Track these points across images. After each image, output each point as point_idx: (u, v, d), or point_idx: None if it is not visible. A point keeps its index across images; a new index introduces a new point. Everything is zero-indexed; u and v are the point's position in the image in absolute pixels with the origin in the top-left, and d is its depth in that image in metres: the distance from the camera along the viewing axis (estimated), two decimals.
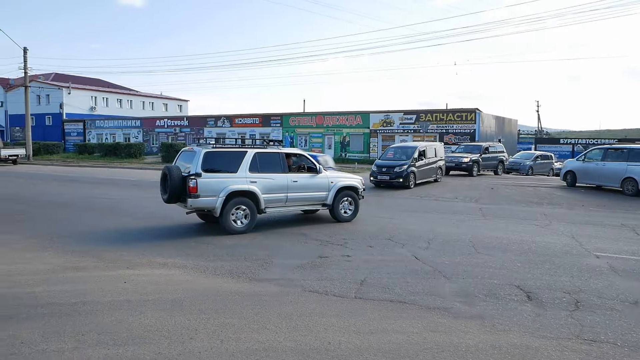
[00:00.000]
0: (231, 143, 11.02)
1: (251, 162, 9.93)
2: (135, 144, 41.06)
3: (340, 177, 11.62)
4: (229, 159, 9.85)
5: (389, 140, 34.25)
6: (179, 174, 9.45)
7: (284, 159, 10.48)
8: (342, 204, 11.28)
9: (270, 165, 10.22)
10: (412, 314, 5.34)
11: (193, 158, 9.59)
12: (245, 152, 10.02)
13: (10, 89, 58.26)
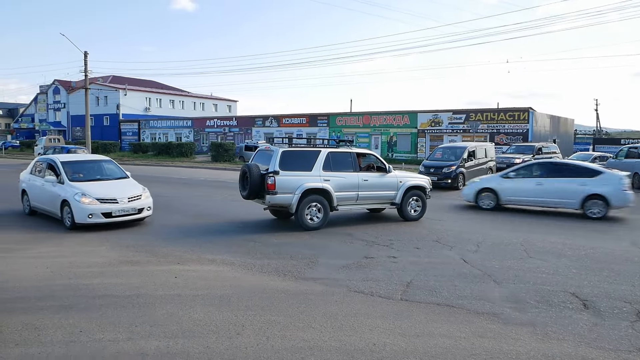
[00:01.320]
0: (302, 143, 11.49)
1: (325, 161, 10.27)
2: (187, 144, 42.28)
3: (408, 176, 11.73)
4: (304, 158, 10.23)
5: (437, 140, 33.61)
6: (258, 172, 9.90)
7: (355, 158, 10.77)
8: (410, 203, 11.37)
9: (343, 164, 10.54)
10: (459, 318, 5.22)
11: (269, 157, 10.07)
12: (319, 151, 10.39)
13: (72, 91, 61.52)
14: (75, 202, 9.73)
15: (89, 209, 9.73)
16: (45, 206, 11.02)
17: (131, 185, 11.04)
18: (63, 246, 8.61)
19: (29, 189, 11.77)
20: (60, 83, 64.14)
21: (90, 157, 12.87)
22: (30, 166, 12.25)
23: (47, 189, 10.79)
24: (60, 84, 64.16)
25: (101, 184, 10.60)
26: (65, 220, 10.11)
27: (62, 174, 10.51)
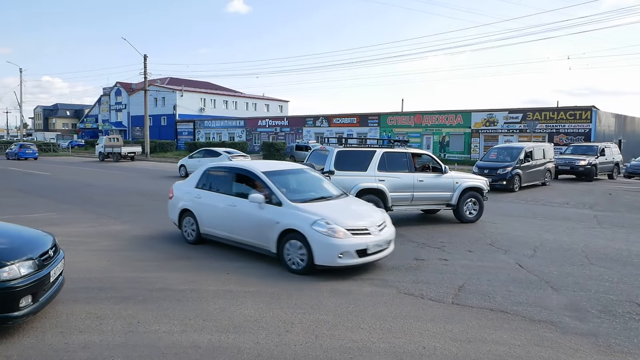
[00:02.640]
0: (356, 143, 11.53)
1: (379, 161, 10.25)
2: (239, 143, 43.24)
3: (465, 177, 11.50)
4: (359, 158, 10.25)
5: (492, 140, 32.60)
6: None
7: (411, 159, 10.69)
8: (467, 205, 11.17)
9: (398, 164, 10.48)
10: (514, 325, 5.03)
11: (324, 157, 10.17)
12: (374, 151, 10.38)
13: (132, 92, 64.43)
14: (316, 234, 6.50)
15: (341, 245, 6.46)
16: (239, 235, 7.71)
17: (363, 205, 7.93)
18: (123, 240, 9.02)
19: (198, 208, 8.37)
20: (121, 85, 67.36)
21: (288, 165, 8.97)
22: (196, 177, 8.78)
23: (243, 211, 7.53)
24: (121, 86, 67.38)
25: (329, 206, 7.31)
26: (289, 260, 6.87)
27: (275, 192, 7.25)
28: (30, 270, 4.55)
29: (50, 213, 12.15)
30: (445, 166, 11.17)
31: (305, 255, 6.64)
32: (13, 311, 4.34)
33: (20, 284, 4.37)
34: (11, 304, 4.33)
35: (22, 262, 4.51)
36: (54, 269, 4.92)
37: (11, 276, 4.36)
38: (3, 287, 4.28)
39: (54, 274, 4.94)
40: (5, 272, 4.34)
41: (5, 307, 4.31)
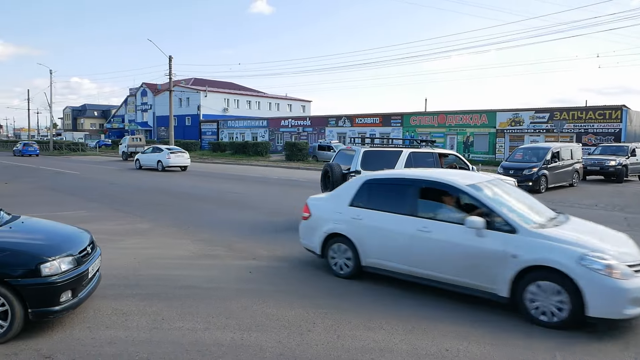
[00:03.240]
0: (381, 143, 11.41)
1: (406, 162, 10.20)
2: (262, 143, 43.55)
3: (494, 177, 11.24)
4: (386, 158, 10.23)
5: (518, 140, 32.05)
6: (340, 171, 10.04)
7: (437, 159, 10.60)
8: None
9: (424, 164, 10.40)
10: (537, 333, 4.93)
11: (350, 157, 10.18)
12: (400, 151, 10.36)
13: (157, 93, 65.50)
14: (590, 274, 4.68)
15: (630, 289, 4.65)
16: (433, 271, 5.74)
17: (597, 225, 6.09)
18: (148, 239, 9.18)
19: (358, 233, 6.46)
20: (147, 86, 68.57)
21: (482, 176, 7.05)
22: (350, 192, 6.80)
23: (445, 239, 5.61)
24: (147, 86, 68.60)
25: (573, 229, 5.49)
26: (536, 308, 4.99)
27: (500, 213, 5.40)
28: (70, 267, 4.68)
29: (80, 211, 12.44)
30: (472, 166, 11.04)
31: (567, 304, 4.75)
32: (53, 305, 4.47)
33: (60, 279, 4.50)
34: (52, 299, 4.47)
35: (62, 258, 4.64)
36: (91, 265, 5.07)
37: (52, 271, 4.48)
38: (45, 282, 4.41)
39: (92, 270, 5.09)
40: (47, 267, 4.46)
41: (46, 301, 4.44)
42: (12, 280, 4.34)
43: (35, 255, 4.51)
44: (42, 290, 4.41)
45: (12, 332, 4.39)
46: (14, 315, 4.35)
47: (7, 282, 4.34)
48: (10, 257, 4.44)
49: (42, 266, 4.44)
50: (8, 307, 4.35)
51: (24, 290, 4.36)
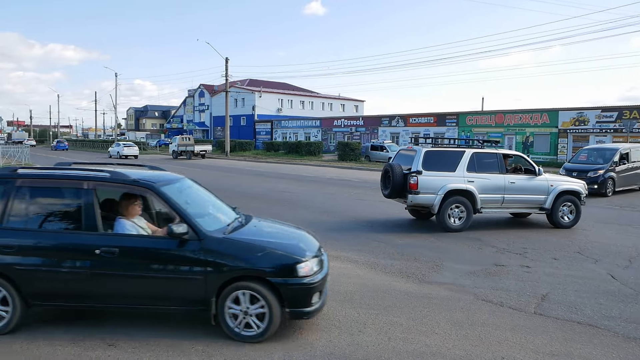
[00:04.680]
0: (445, 143, 11.40)
1: (469, 162, 10.03)
2: (315, 143, 43.80)
3: (561, 180, 10.93)
4: (448, 158, 10.10)
5: (582, 141, 30.42)
6: (401, 171, 10.01)
7: (502, 160, 10.36)
8: (562, 209, 10.57)
9: (488, 165, 10.20)
10: (605, 341, 4.66)
11: (410, 157, 10.13)
12: (463, 152, 10.19)
13: (214, 94, 67.44)
14: None
15: None
16: None
17: None
18: None
19: None
20: (204, 87, 70.75)
21: None
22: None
23: None
24: (204, 87, 70.78)
25: None
26: None
27: None
28: (318, 268, 4.65)
29: None
30: (539, 168, 10.61)
31: None
32: (307, 306, 4.44)
33: (313, 280, 4.47)
34: (306, 300, 4.44)
35: (312, 259, 4.62)
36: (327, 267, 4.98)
37: (307, 272, 4.45)
38: (301, 283, 4.39)
39: None
40: (302, 267, 4.43)
41: (301, 302, 4.42)
42: (274, 279, 4.34)
43: (291, 255, 4.50)
44: (299, 290, 4.39)
45: (269, 332, 4.39)
46: (272, 315, 4.33)
47: (268, 281, 4.35)
48: (270, 257, 4.43)
49: (298, 266, 4.41)
50: (266, 307, 4.34)
51: (283, 290, 4.34)
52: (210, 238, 4.49)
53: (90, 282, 4.47)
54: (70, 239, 4.62)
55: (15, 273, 4.50)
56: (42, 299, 4.63)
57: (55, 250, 4.57)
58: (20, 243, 4.57)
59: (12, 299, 4.53)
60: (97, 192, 4.73)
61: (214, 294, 4.38)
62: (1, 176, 4.93)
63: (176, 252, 4.45)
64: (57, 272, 4.50)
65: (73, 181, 4.80)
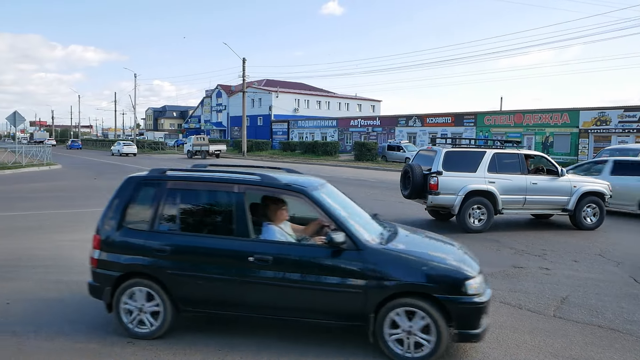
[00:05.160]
0: (465, 143, 11.36)
1: (490, 163, 9.95)
2: (331, 143, 43.80)
3: (584, 181, 10.72)
4: (468, 158, 10.03)
5: (604, 141, 29.85)
6: (421, 172, 9.99)
7: (523, 160, 10.25)
8: (585, 211, 10.39)
9: (509, 166, 10.10)
10: (627, 346, 4.56)
11: (431, 158, 10.10)
12: (484, 152, 10.11)
13: (231, 94, 67.90)
14: None
15: None
16: None
17: None
18: None
19: None
20: (222, 87, 71.28)
21: None
22: None
23: None
24: (222, 88, 71.30)
25: None
26: None
27: None
28: (485, 286, 4.24)
29: None
30: (562, 168, 10.47)
31: None
32: (475, 328, 4.00)
33: (483, 300, 4.05)
34: (474, 321, 4.01)
35: (478, 275, 4.19)
36: None
37: (476, 290, 4.04)
38: (471, 302, 3.98)
39: None
40: (472, 285, 4.02)
41: (469, 322, 4.00)
42: (441, 296, 3.95)
43: (458, 270, 4.10)
44: (468, 309, 3.97)
45: (436, 354, 4.00)
46: (440, 335, 3.93)
47: (435, 298, 3.96)
48: (436, 271, 4.06)
49: (467, 283, 4.00)
50: (433, 327, 3.94)
51: (452, 308, 3.94)
52: (370, 249, 4.16)
53: (241, 290, 4.29)
54: (223, 244, 4.41)
55: (167, 277, 4.40)
56: (192, 305, 4.48)
57: (207, 255, 4.42)
58: (172, 247, 4.44)
59: (163, 303, 4.45)
60: (247, 196, 4.51)
61: (373, 309, 4.05)
62: (151, 178, 4.79)
63: (333, 263, 4.16)
64: (208, 278, 4.34)
65: (224, 184, 4.62)
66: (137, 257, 4.48)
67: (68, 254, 7.63)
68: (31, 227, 9.92)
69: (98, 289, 4.63)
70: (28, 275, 6.49)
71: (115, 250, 4.58)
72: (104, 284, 4.57)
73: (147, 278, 4.47)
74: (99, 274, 4.63)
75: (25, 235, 9.13)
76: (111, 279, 4.52)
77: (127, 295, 4.50)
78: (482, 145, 11.03)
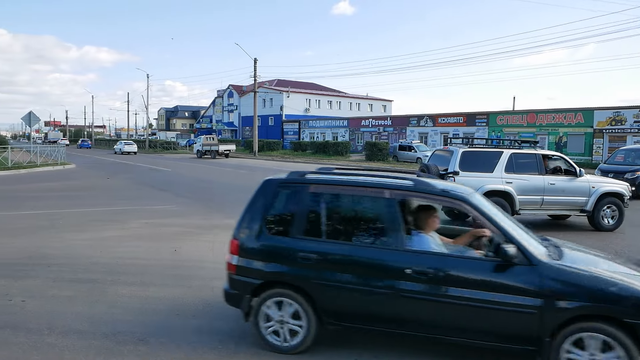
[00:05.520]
0: (481, 144, 11.31)
1: (507, 163, 9.90)
2: (342, 143, 43.75)
3: (603, 181, 10.67)
4: (485, 158, 9.99)
5: (619, 141, 29.43)
6: (437, 172, 9.94)
7: (541, 160, 10.19)
8: (604, 212, 10.28)
9: (527, 166, 10.04)
10: None
11: (447, 158, 10.09)
12: (501, 152, 10.07)
13: (243, 94, 68.18)
14: None
15: None
16: None
17: None
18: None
19: None
20: (233, 87, 71.58)
21: None
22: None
23: None
24: (233, 88, 71.60)
25: None
26: None
27: None
28: None
29: (170, 205, 13.25)
30: (580, 169, 10.35)
31: None
32: None
33: None
34: None
35: None
36: None
37: None
38: None
39: None
40: None
41: None
42: (632, 321, 3.51)
43: None
44: None
45: None
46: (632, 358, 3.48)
47: (625, 323, 3.51)
48: (626, 292, 3.60)
49: None
50: (623, 353, 3.47)
51: None
52: (544, 264, 3.75)
53: (394, 305, 3.94)
54: (375, 254, 4.07)
55: (312, 287, 4.09)
56: (337, 318, 4.12)
57: (357, 265, 4.07)
58: (318, 255, 4.11)
59: (307, 315, 4.12)
60: (399, 203, 4.17)
61: (549, 333, 3.64)
62: (292, 181, 4.51)
63: (502, 278, 3.77)
64: (358, 290, 4.01)
65: (373, 189, 4.26)
66: (280, 265, 4.20)
67: (81, 253, 7.71)
68: (43, 226, 10.03)
69: (236, 296, 4.37)
70: (43, 274, 6.55)
71: (255, 256, 4.31)
72: (242, 291, 4.31)
73: (289, 288, 4.18)
74: (237, 281, 4.36)
75: (39, 234, 9.25)
76: (251, 287, 4.27)
77: (268, 305, 4.22)
78: (495, 145, 10.94)
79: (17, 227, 9.91)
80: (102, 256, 7.50)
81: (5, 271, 6.65)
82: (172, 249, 8.08)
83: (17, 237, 8.89)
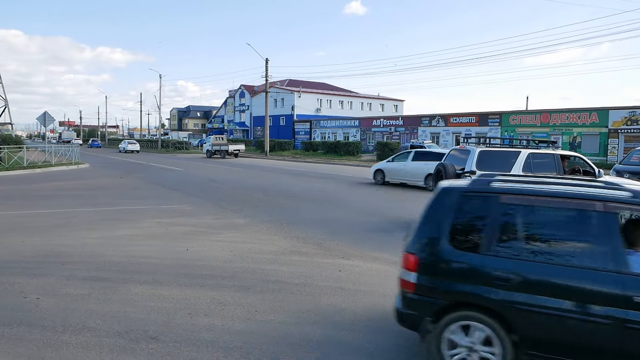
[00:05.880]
0: (497, 144, 11.33)
1: (524, 163, 9.87)
2: (353, 143, 43.68)
3: (621, 182, 10.37)
4: (502, 158, 9.98)
5: (634, 141, 29.01)
6: (454, 171, 9.95)
7: (559, 161, 10.12)
8: None
9: (544, 166, 9.96)
10: None
11: (463, 157, 10.10)
12: (518, 152, 10.05)
13: (254, 94, 68.40)
14: None
15: None
16: None
17: None
18: (244, 233, 9.59)
19: None
20: (245, 87, 71.83)
21: None
22: None
23: None
24: (245, 88, 71.86)
25: None
26: None
27: None
28: None
29: (182, 205, 13.34)
30: (599, 170, 10.24)
31: None
32: None
33: None
34: None
35: None
36: None
37: None
38: None
39: None
40: None
41: None
42: None
43: None
44: None
45: None
46: None
47: None
48: None
49: None
50: None
51: None
52: None
53: (616, 337, 3.38)
54: (591, 277, 3.49)
55: (511, 312, 3.59)
56: (539, 349, 3.60)
57: (568, 290, 3.52)
58: (519, 277, 3.62)
59: (502, 342, 3.63)
60: (617, 218, 3.65)
61: None
62: (477, 190, 4.02)
63: None
64: (569, 317, 3.48)
65: (580, 201, 3.70)
66: (472, 286, 3.75)
67: (95, 251, 7.81)
68: (58, 225, 10.17)
69: (413, 317, 3.95)
70: (57, 272, 6.64)
71: (440, 275, 3.88)
72: (422, 312, 3.89)
73: (481, 311, 3.71)
74: (416, 301, 3.93)
75: (54, 233, 9.39)
76: (433, 308, 3.85)
77: (452, 329, 3.78)
78: (506, 144, 10.90)
79: (32, 225, 10.06)
80: (115, 254, 7.60)
81: (20, 269, 6.76)
82: (184, 248, 8.14)
83: (33, 236, 9.02)
